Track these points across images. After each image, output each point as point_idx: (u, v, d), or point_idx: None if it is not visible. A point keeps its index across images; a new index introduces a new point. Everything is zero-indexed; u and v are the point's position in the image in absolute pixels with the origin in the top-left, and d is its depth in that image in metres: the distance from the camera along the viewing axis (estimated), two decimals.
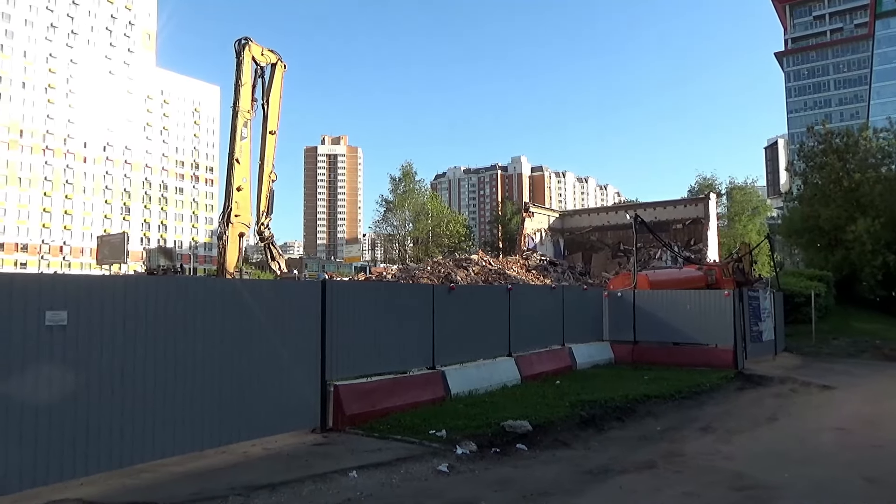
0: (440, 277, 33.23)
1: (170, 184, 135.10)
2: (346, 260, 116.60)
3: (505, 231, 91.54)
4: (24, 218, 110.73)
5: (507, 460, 7.91)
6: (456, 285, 18.51)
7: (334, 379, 9.20)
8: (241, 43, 30.00)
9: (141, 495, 6.05)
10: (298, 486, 6.45)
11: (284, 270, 33.49)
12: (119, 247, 58.05)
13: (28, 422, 5.82)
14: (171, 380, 7.09)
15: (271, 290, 9.47)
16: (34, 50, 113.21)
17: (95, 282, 7.15)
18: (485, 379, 12.19)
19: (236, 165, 29.63)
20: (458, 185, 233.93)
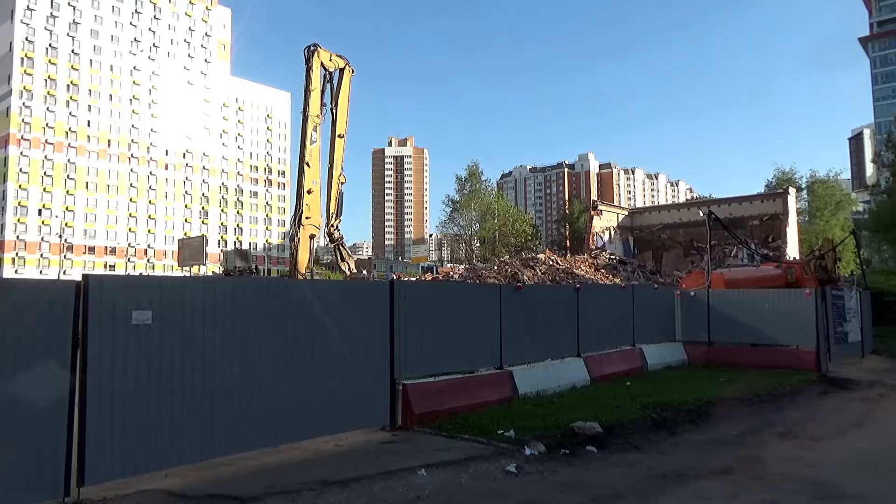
0: (507, 277, 33.12)
1: (245, 188, 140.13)
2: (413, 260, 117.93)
3: (572, 230, 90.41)
4: (113, 223, 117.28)
5: (576, 462, 7.80)
6: (523, 285, 18.39)
7: (402, 378, 9.31)
8: (310, 49, 30.78)
9: (219, 488, 6.30)
10: (369, 483, 6.57)
11: (353, 271, 34.13)
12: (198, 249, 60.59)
13: (118, 416, 6.17)
14: (247, 377, 7.35)
15: (341, 290, 9.69)
16: (119, 64, 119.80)
17: (177, 283, 7.51)
18: (553, 379, 12.07)
19: (307, 169, 30.41)
20: (524, 184, 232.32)
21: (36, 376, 5.68)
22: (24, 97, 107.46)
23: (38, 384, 5.68)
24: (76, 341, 5.97)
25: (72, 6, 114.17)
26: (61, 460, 5.77)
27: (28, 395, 5.62)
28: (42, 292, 6.05)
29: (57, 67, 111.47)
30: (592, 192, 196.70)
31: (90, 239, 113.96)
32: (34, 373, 5.67)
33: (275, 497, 6.10)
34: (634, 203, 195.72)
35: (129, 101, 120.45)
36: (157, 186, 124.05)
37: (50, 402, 5.75)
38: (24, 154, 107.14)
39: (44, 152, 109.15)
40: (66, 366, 5.88)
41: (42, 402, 5.70)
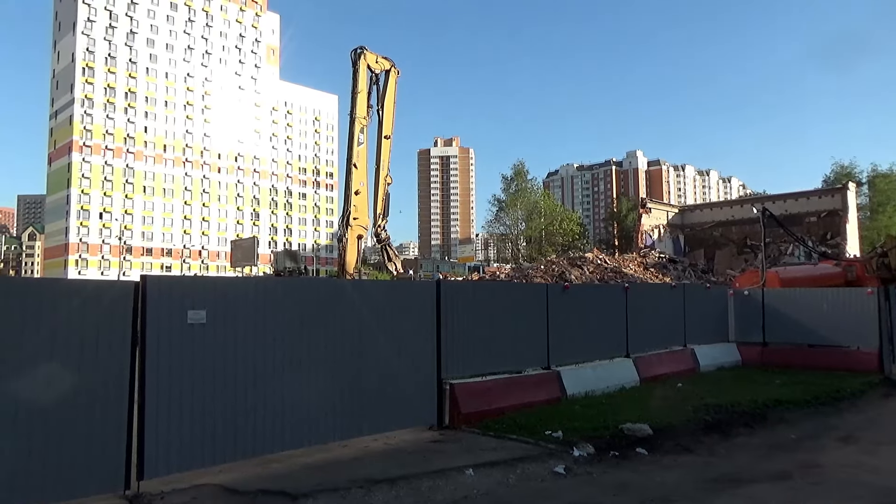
0: (554, 276, 32.87)
1: (294, 190, 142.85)
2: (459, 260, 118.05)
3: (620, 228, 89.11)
4: (169, 225, 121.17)
5: (626, 464, 7.69)
6: (570, 284, 18.23)
7: (449, 378, 9.34)
8: (356, 52, 31.16)
9: (272, 484, 6.44)
10: (416, 482, 6.61)
11: (400, 271, 34.41)
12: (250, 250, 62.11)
13: (174, 412, 6.37)
14: (297, 375, 7.48)
15: (389, 290, 9.77)
16: (174, 71, 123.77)
17: (230, 283, 7.71)
18: (602, 380, 11.92)
19: (354, 170, 30.80)
20: (570, 183, 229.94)
21: (99, 373, 5.91)
22: (85, 105, 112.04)
23: (101, 380, 5.91)
24: (135, 339, 6.19)
25: (129, 16, 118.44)
26: (122, 454, 5.99)
27: (91, 391, 5.85)
28: (104, 293, 6.29)
29: (116, 76, 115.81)
30: (641, 189, 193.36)
31: (147, 241, 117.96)
32: (98, 369, 5.91)
33: (325, 494, 6.20)
34: (685, 201, 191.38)
35: (184, 107, 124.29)
36: (211, 189, 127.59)
37: (111, 398, 5.97)
38: (86, 160, 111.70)
39: (104, 158, 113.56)
40: (126, 363, 6.10)
41: (104, 398, 5.93)
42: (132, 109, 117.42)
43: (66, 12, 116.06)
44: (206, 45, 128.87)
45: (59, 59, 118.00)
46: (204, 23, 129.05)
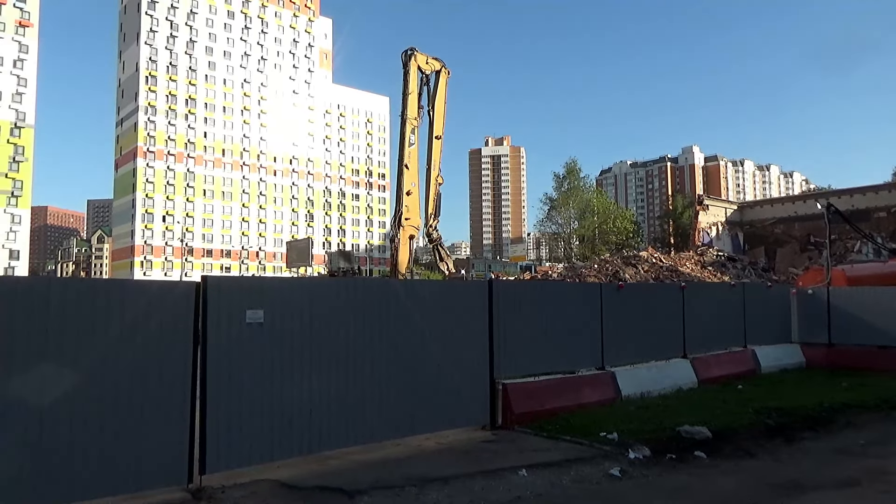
0: (608, 276, 32.38)
1: (347, 191, 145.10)
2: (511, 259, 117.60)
3: (676, 226, 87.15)
4: (228, 227, 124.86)
5: (683, 468, 7.51)
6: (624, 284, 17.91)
7: (502, 377, 9.31)
8: (407, 54, 31.37)
9: (327, 480, 6.56)
10: (470, 482, 6.62)
11: (452, 271, 34.50)
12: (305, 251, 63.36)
13: (234, 409, 6.56)
14: (352, 374, 7.60)
15: (441, 290, 9.81)
16: (231, 78, 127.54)
17: (286, 283, 7.91)
18: (657, 381, 11.68)
19: (405, 171, 31.03)
20: (624, 180, 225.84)
21: (164, 371, 6.15)
22: (148, 113, 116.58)
23: (165, 378, 6.15)
24: (197, 338, 6.40)
25: (189, 25, 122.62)
26: (185, 449, 6.21)
27: (155, 389, 6.08)
28: (168, 293, 6.53)
29: (177, 84, 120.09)
30: (697, 186, 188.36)
31: (207, 243, 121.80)
32: (162, 367, 6.14)
33: (379, 491, 6.27)
34: (744, 197, 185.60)
35: (241, 112, 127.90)
36: (267, 192, 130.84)
37: (175, 395, 6.19)
38: (150, 165, 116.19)
39: (166, 163, 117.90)
40: (188, 361, 6.32)
41: (168, 395, 6.15)
42: (192, 115, 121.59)
43: (131, 24, 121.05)
44: (261, 52, 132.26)
45: (123, 70, 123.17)
46: (259, 29, 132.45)
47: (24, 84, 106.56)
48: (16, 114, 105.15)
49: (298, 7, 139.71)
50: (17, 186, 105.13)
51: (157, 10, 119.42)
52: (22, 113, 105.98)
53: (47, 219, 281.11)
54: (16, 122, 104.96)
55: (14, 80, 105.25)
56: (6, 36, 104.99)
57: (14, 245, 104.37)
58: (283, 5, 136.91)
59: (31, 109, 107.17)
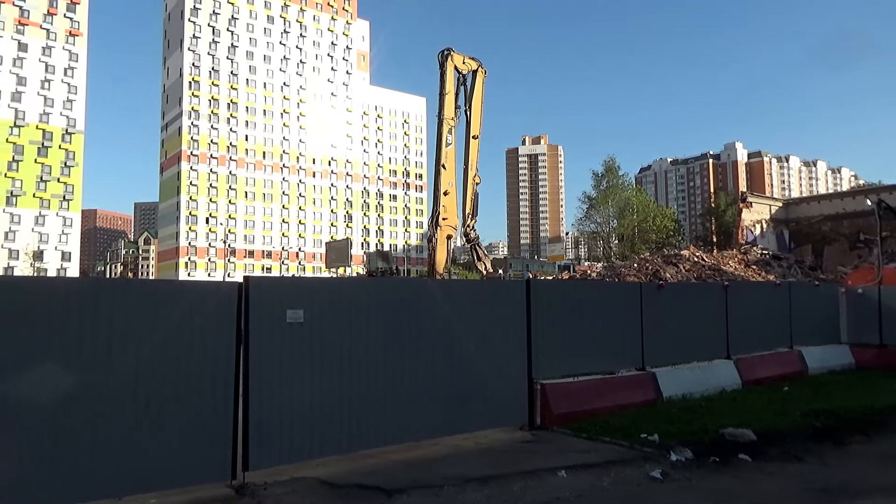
0: (648, 275, 31.89)
1: (385, 192, 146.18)
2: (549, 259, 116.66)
3: (719, 224, 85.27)
4: (268, 228, 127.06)
5: (727, 470, 7.35)
6: (665, 283, 17.63)
7: (540, 378, 9.26)
8: (443, 54, 31.44)
9: (366, 479, 6.62)
10: (508, 482, 6.60)
11: (490, 270, 34.43)
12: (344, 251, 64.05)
13: (275, 407, 6.67)
14: (390, 374, 7.65)
15: (478, 289, 9.82)
16: (271, 81, 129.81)
17: (325, 284, 8.02)
18: (700, 382, 11.45)
19: (442, 171, 31.09)
20: (664, 178, 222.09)
21: (208, 369, 6.28)
22: (192, 117, 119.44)
23: (209, 376, 6.28)
24: (239, 337, 6.53)
25: (230, 31, 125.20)
26: (228, 446, 6.33)
27: (200, 386, 6.23)
28: (211, 293, 6.69)
29: (219, 88, 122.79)
30: (741, 183, 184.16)
31: (249, 244, 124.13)
32: (206, 366, 6.28)
33: (418, 491, 6.30)
34: (789, 193, 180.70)
35: (281, 115, 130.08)
36: (307, 193, 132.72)
37: (219, 393, 6.32)
38: (194, 168, 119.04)
39: (209, 166, 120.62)
40: (231, 359, 6.44)
41: (212, 393, 6.29)
42: (234, 119, 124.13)
43: (174, 31, 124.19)
44: (300, 55, 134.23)
45: (168, 75, 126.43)
46: (298, 33, 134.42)
47: (75, 91, 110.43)
48: (66, 120, 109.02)
49: (336, 10, 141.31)
50: (68, 191, 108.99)
51: (200, 16, 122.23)
52: (72, 119, 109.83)
53: (97, 221, 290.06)
54: (67, 128, 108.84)
55: (65, 88, 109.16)
56: (57, 45, 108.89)
57: (66, 247, 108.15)
58: (322, 9, 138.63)
59: (80, 116, 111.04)
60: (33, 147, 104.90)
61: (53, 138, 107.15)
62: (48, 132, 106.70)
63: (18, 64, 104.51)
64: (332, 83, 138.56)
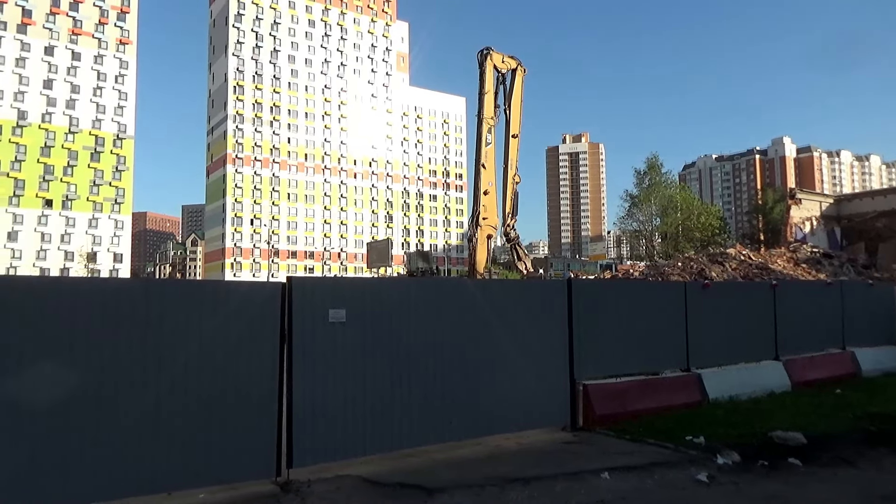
0: (692, 274, 31.24)
1: (424, 192, 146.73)
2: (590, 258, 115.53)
3: (766, 222, 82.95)
4: (311, 229, 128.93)
5: (776, 475, 7.15)
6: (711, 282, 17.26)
7: (582, 378, 9.17)
8: (482, 53, 31.39)
9: (408, 478, 6.66)
10: (550, 483, 6.56)
11: (530, 270, 34.26)
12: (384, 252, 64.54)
13: (319, 405, 6.77)
14: (431, 373, 7.68)
15: (518, 289, 9.78)
16: (313, 84, 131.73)
17: (367, 284, 8.09)
18: (747, 384, 11.17)
19: (482, 170, 31.05)
20: (709, 175, 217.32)
21: (253, 368, 6.42)
22: (236, 121, 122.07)
23: (255, 375, 6.42)
24: (283, 336, 6.65)
25: (273, 36, 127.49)
26: (273, 444, 6.46)
27: (245, 385, 6.37)
28: (256, 293, 6.83)
29: (262, 92, 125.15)
30: (789, 179, 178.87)
31: (292, 244, 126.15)
32: (252, 364, 6.42)
33: (460, 490, 6.32)
34: (840, 190, 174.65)
35: (322, 118, 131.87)
36: (348, 194, 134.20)
37: (263, 391, 6.46)
38: (238, 171, 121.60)
39: (253, 169, 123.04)
40: (275, 358, 6.57)
41: (257, 391, 6.42)
42: (277, 122, 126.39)
43: (219, 37, 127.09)
44: (341, 58, 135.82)
45: (213, 81, 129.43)
46: (339, 36, 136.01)
47: (125, 98, 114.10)
48: (118, 126, 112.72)
49: (376, 12, 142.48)
50: (119, 194, 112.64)
51: (244, 22, 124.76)
52: (123, 125, 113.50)
53: (146, 224, 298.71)
54: (118, 133, 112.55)
55: (116, 95, 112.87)
56: (108, 54, 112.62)
57: (118, 249, 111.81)
58: (362, 11, 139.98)
59: (131, 121, 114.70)
60: (87, 152, 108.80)
61: (105, 144, 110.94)
62: (100, 138, 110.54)
63: (72, 73, 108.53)
64: (372, 85, 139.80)
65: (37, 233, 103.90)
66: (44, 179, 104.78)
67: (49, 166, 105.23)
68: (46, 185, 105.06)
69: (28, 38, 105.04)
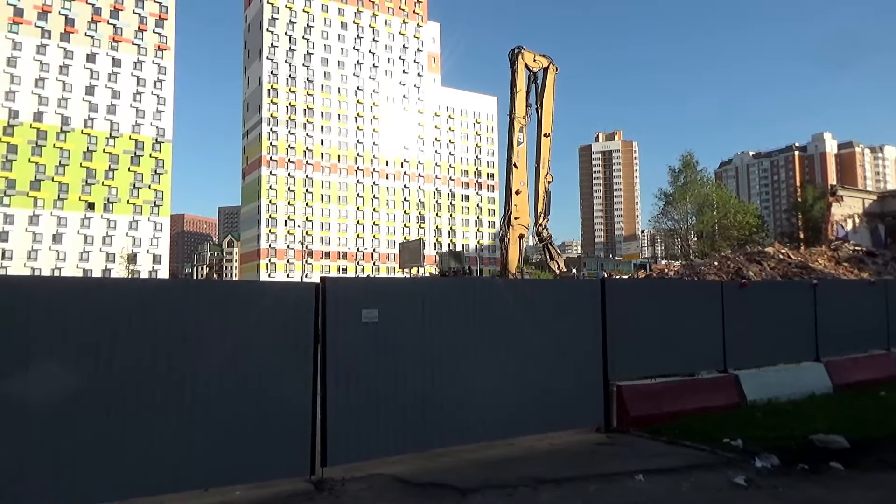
0: (729, 273, 30.65)
1: (456, 192, 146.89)
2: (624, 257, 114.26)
3: (806, 219, 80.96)
4: (344, 230, 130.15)
5: (817, 479, 6.97)
6: (748, 281, 16.91)
7: (616, 379, 9.07)
8: (514, 52, 31.30)
9: (440, 477, 6.68)
10: (583, 484, 6.51)
11: (563, 269, 34.03)
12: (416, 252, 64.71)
13: (352, 405, 6.82)
14: (463, 373, 7.67)
15: (550, 289, 9.72)
16: (345, 86, 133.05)
17: (399, 284, 8.15)
18: (787, 385, 10.91)
19: (514, 170, 30.93)
20: (746, 172, 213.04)
21: (286, 366, 6.51)
22: (271, 124, 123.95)
23: (288, 373, 6.51)
24: (317, 336, 6.72)
25: (305, 39, 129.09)
26: (308, 442, 6.53)
27: (280, 384, 6.46)
28: (290, 294, 6.93)
29: (296, 95, 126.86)
30: (830, 175, 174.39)
31: (325, 245, 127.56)
32: (286, 363, 6.50)
33: (492, 490, 6.31)
34: (884, 186, 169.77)
35: (354, 119, 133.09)
36: (380, 195, 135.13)
37: (298, 390, 6.53)
38: (273, 173, 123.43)
39: (287, 170, 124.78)
40: (309, 358, 6.64)
41: (291, 390, 6.51)
42: (310, 124, 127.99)
43: (254, 42, 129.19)
44: (373, 59, 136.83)
45: (248, 84, 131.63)
46: (371, 38, 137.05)
47: (164, 102, 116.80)
48: (156, 130, 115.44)
49: (407, 13, 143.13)
50: (158, 197, 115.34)
51: (278, 26, 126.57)
52: (162, 129, 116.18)
53: (184, 226, 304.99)
54: (156, 137, 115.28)
55: (154, 100, 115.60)
56: (147, 59, 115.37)
57: (157, 250, 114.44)
58: (393, 13, 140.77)
59: (169, 126, 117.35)
60: (127, 156, 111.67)
61: (145, 148, 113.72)
62: (140, 142, 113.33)
63: (113, 79, 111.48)
64: (403, 86, 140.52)
65: (80, 235, 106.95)
66: (86, 183, 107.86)
67: (91, 170, 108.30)
68: (89, 189, 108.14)
69: (71, 46, 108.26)
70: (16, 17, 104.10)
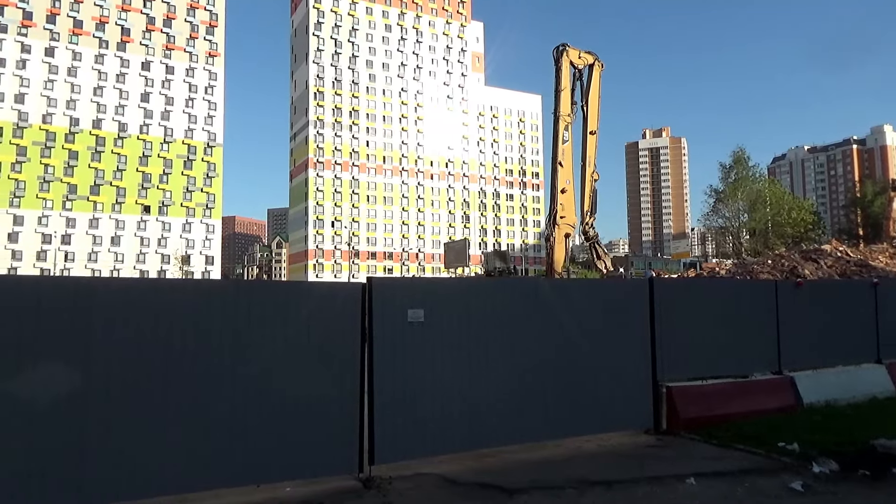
0: (784, 272, 29.72)
1: (501, 192, 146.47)
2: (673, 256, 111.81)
3: (865, 216, 77.92)
4: (389, 230, 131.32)
5: (879, 486, 6.69)
6: (804, 280, 16.37)
7: (665, 380, 8.90)
8: (558, 50, 31.02)
9: (486, 478, 6.67)
10: (633, 487, 6.42)
11: (610, 269, 33.58)
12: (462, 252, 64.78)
13: (398, 404, 6.88)
14: (509, 373, 7.66)
15: (599, 289, 9.60)
16: (390, 88, 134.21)
17: (445, 284, 8.19)
18: (846, 388, 10.51)
19: (559, 168, 30.66)
20: (800, 167, 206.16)
21: (336, 366, 6.60)
22: (317, 126, 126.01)
23: (338, 373, 6.60)
24: (363, 336, 6.80)
25: (351, 42, 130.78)
26: (356, 441, 6.61)
27: (328, 382, 6.55)
28: (337, 294, 7.05)
29: (342, 97, 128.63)
30: (891, 169, 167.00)
31: (371, 246, 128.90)
32: (334, 363, 6.60)
33: (539, 491, 6.27)
34: None
35: (399, 120, 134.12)
36: (425, 195, 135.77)
37: (346, 389, 6.62)
38: (319, 175, 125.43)
39: (333, 172, 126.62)
40: (357, 357, 6.72)
41: (339, 389, 6.60)
42: (356, 126, 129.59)
43: (300, 46, 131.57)
44: (417, 60, 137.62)
45: (295, 88, 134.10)
46: (414, 39, 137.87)
47: (214, 108, 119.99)
48: (208, 135, 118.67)
49: (451, 14, 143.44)
50: (210, 200, 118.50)
51: (323, 30, 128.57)
52: (213, 134, 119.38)
53: (235, 227, 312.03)
54: (208, 142, 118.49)
55: (206, 105, 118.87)
56: (199, 66, 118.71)
57: (209, 252, 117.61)
58: (437, 14, 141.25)
59: (220, 130, 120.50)
60: (180, 161, 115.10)
61: (197, 152, 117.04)
62: (192, 146, 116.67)
63: (167, 85, 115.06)
64: (447, 86, 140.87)
65: (136, 237, 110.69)
66: (142, 187, 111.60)
67: (147, 174, 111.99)
68: (144, 193, 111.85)
69: (127, 55, 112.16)
70: (76, 29, 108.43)
